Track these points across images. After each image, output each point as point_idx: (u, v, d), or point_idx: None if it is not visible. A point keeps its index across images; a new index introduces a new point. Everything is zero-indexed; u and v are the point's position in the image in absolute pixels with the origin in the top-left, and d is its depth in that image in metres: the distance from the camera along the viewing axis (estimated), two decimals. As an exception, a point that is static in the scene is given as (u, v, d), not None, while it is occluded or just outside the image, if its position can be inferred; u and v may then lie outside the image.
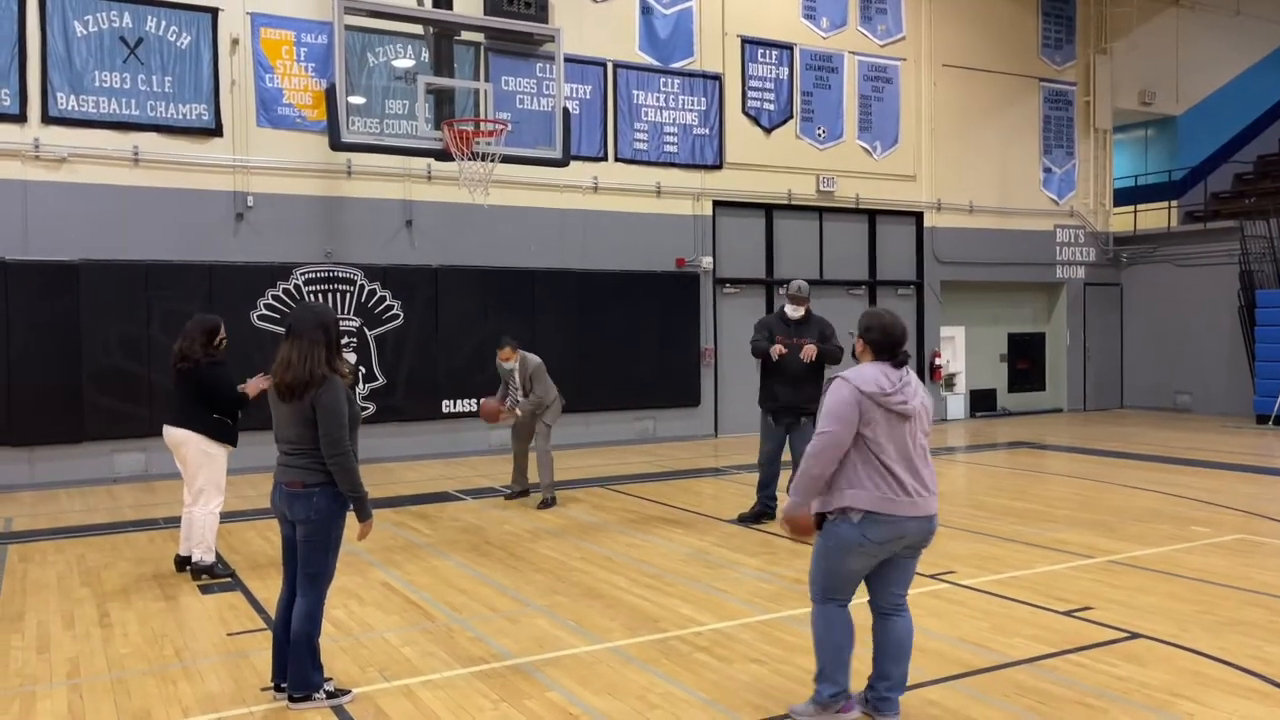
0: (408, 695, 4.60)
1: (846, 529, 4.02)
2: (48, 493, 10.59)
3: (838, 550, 4.06)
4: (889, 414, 4.00)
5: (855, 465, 4.01)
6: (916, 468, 4.05)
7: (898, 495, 3.98)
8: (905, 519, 3.99)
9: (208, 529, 6.68)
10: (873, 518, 3.97)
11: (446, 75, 11.30)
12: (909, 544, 4.08)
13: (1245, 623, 5.53)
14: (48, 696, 4.65)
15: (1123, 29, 18.71)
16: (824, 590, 4.16)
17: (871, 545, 4.00)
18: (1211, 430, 15.32)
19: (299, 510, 4.40)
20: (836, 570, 4.09)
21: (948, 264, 17.10)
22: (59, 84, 11.00)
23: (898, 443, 4.01)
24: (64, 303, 10.95)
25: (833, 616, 4.15)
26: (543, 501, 9.39)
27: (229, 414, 6.68)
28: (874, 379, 4.03)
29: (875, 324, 4.19)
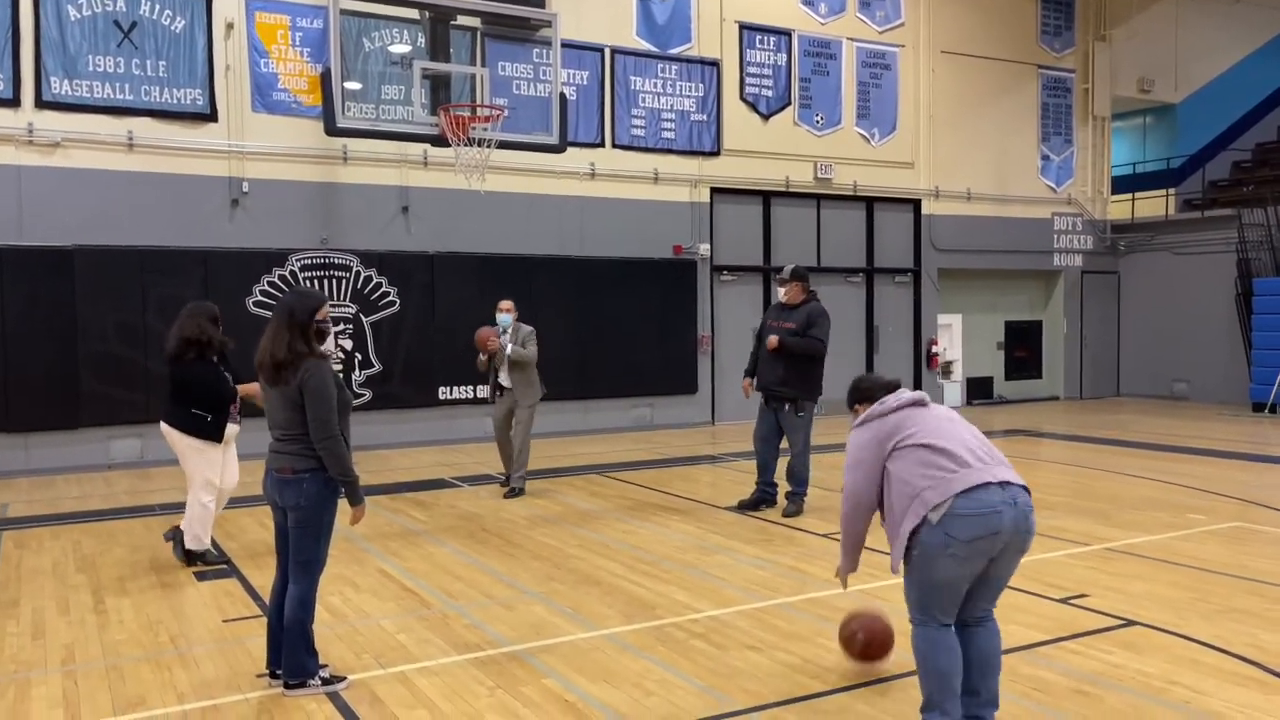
0: (403, 682, 4.59)
1: (928, 533, 3.61)
2: (43, 479, 10.57)
3: (922, 558, 3.65)
4: (908, 409, 3.84)
5: (903, 482, 3.71)
6: (969, 444, 3.73)
7: (956, 468, 3.61)
8: (990, 505, 3.55)
9: (194, 520, 6.62)
10: (950, 513, 3.56)
11: (443, 60, 11.25)
12: (1005, 541, 3.60)
13: (1241, 610, 5.53)
14: (43, 683, 4.65)
15: (1122, 16, 18.64)
16: (919, 607, 3.74)
17: (960, 545, 3.55)
18: (1208, 418, 15.34)
19: (289, 497, 4.39)
20: (926, 582, 3.67)
21: (945, 251, 17.07)
22: (52, 68, 10.92)
23: (937, 422, 3.80)
24: (59, 289, 10.90)
25: (934, 638, 3.70)
26: (511, 490, 9.24)
27: (208, 409, 6.49)
28: (872, 409, 3.93)
29: (851, 388, 4.18)
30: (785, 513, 8.20)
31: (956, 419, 3.94)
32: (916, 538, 3.64)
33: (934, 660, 3.70)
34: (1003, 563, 3.69)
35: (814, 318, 8.19)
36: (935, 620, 3.71)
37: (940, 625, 3.71)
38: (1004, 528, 3.58)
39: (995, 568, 3.68)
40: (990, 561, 3.64)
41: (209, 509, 6.65)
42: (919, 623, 3.75)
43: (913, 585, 3.74)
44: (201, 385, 6.45)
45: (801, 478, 8.27)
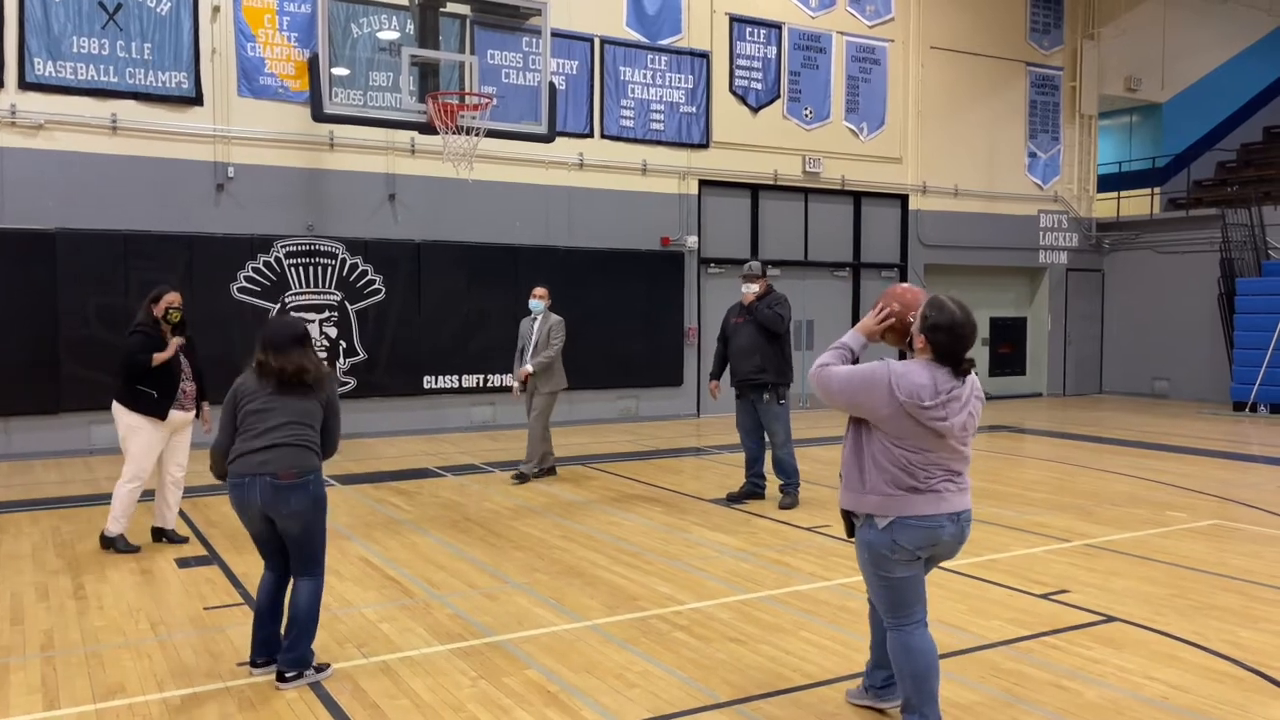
0: (386, 672, 4.58)
1: (874, 536, 3.66)
2: (23, 464, 10.49)
3: (874, 561, 3.70)
4: (920, 426, 3.57)
5: (875, 466, 3.64)
6: (951, 470, 3.66)
7: (923, 492, 3.61)
8: (936, 518, 3.62)
9: (117, 500, 6.61)
10: (901, 521, 3.62)
11: (431, 47, 11.17)
12: (943, 550, 3.72)
13: (1219, 607, 5.58)
14: (21, 669, 4.61)
15: (1110, 15, 18.71)
16: (892, 610, 3.74)
17: (904, 551, 3.64)
18: (1189, 416, 15.45)
19: (298, 500, 4.33)
20: (889, 583, 3.70)
21: (932, 247, 17.12)
22: (36, 49, 10.80)
23: (927, 449, 3.60)
24: (40, 272, 10.80)
25: (910, 643, 3.72)
26: (518, 475, 9.42)
27: (150, 385, 6.50)
28: (916, 386, 3.54)
29: (944, 322, 3.57)
30: (781, 505, 8.22)
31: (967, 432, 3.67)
32: (863, 533, 3.74)
33: (911, 664, 3.73)
34: (933, 564, 3.84)
35: (776, 300, 8.23)
36: (910, 619, 3.74)
37: (915, 626, 3.74)
38: (943, 540, 3.71)
39: (926, 566, 3.83)
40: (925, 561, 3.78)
41: (133, 495, 6.63)
42: (895, 627, 3.77)
43: (879, 590, 3.77)
44: (133, 358, 6.48)
45: (790, 468, 8.29)
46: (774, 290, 8.42)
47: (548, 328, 9.37)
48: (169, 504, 6.93)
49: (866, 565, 3.78)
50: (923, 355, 3.66)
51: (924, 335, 3.62)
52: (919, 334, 3.65)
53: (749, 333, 8.20)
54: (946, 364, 3.62)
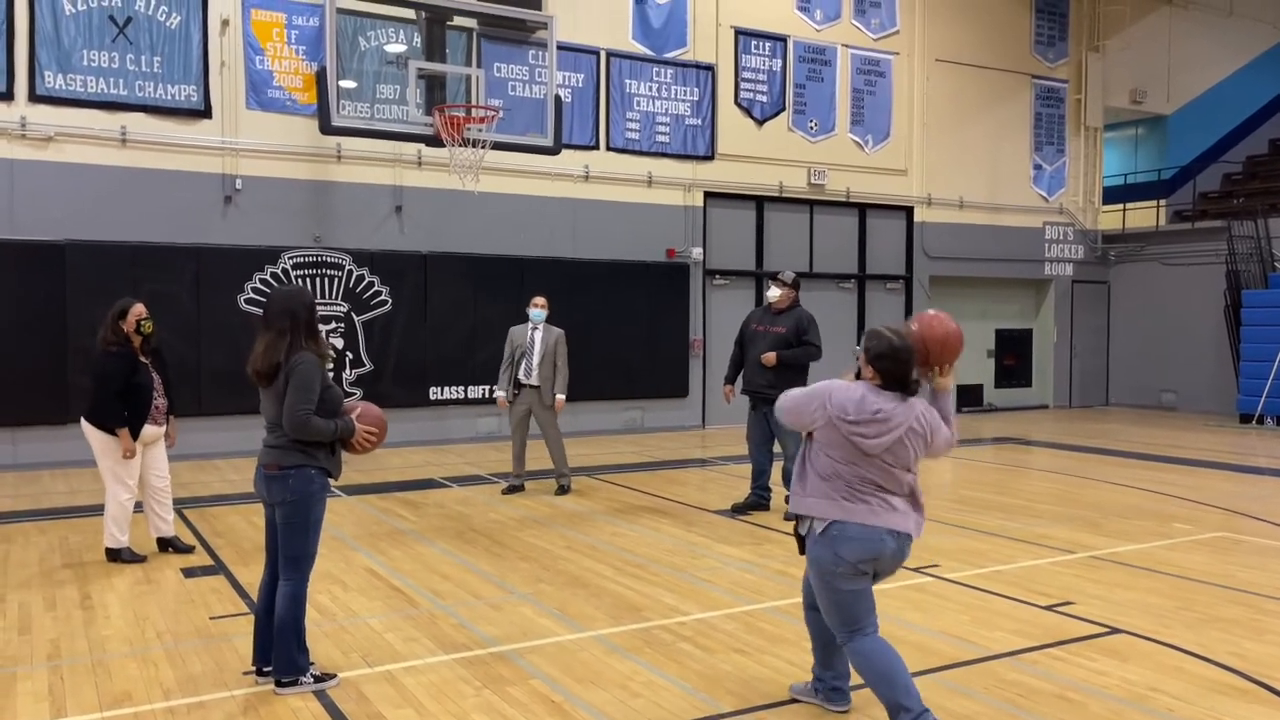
0: (390, 681, 4.60)
1: (819, 551, 3.86)
2: (31, 474, 10.53)
3: (819, 576, 3.90)
4: (844, 439, 3.81)
5: (815, 473, 3.88)
6: (883, 487, 3.82)
7: (855, 505, 3.80)
8: (874, 529, 3.78)
9: (109, 517, 6.61)
10: (842, 533, 3.79)
11: (438, 60, 11.25)
12: (884, 565, 3.88)
13: (1225, 620, 5.57)
14: (28, 677, 4.64)
15: (1115, 27, 18.75)
16: (844, 623, 3.90)
17: (847, 565, 3.81)
18: (1195, 428, 15.41)
19: (276, 492, 4.41)
20: (839, 598, 3.87)
21: (937, 259, 17.13)
22: (46, 62, 10.90)
23: (855, 463, 3.80)
24: (49, 283, 10.86)
25: (867, 649, 3.87)
26: (560, 488, 9.41)
27: (125, 405, 6.46)
28: (844, 401, 3.81)
29: (884, 349, 3.83)
30: (786, 516, 8.19)
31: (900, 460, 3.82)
32: (812, 550, 3.90)
33: (873, 667, 3.85)
34: (879, 578, 3.97)
35: (806, 324, 8.21)
36: (862, 630, 3.90)
37: (868, 633, 3.90)
38: (884, 555, 3.85)
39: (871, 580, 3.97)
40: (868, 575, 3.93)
41: (126, 507, 6.63)
42: (850, 638, 3.91)
43: (829, 605, 3.92)
44: (110, 379, 6.42)
45: None
46: (800, 305, 8.38)
47: (554, 340, 9.16)
48: (160, 515, 6.92)
49: (815, 580, 3.96)
50: (874, 382, 3.89)
51: (870, 366, 3.88)
52: (865, 365, 3.90)
53: (768, 346, 8.17)
54: (894, 388, 3.85)
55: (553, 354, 9.15)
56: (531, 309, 9.25)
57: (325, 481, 4.46)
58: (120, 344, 6.47)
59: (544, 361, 9.14)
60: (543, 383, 9.15)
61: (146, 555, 6.81)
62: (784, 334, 8.17)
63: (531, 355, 9.15)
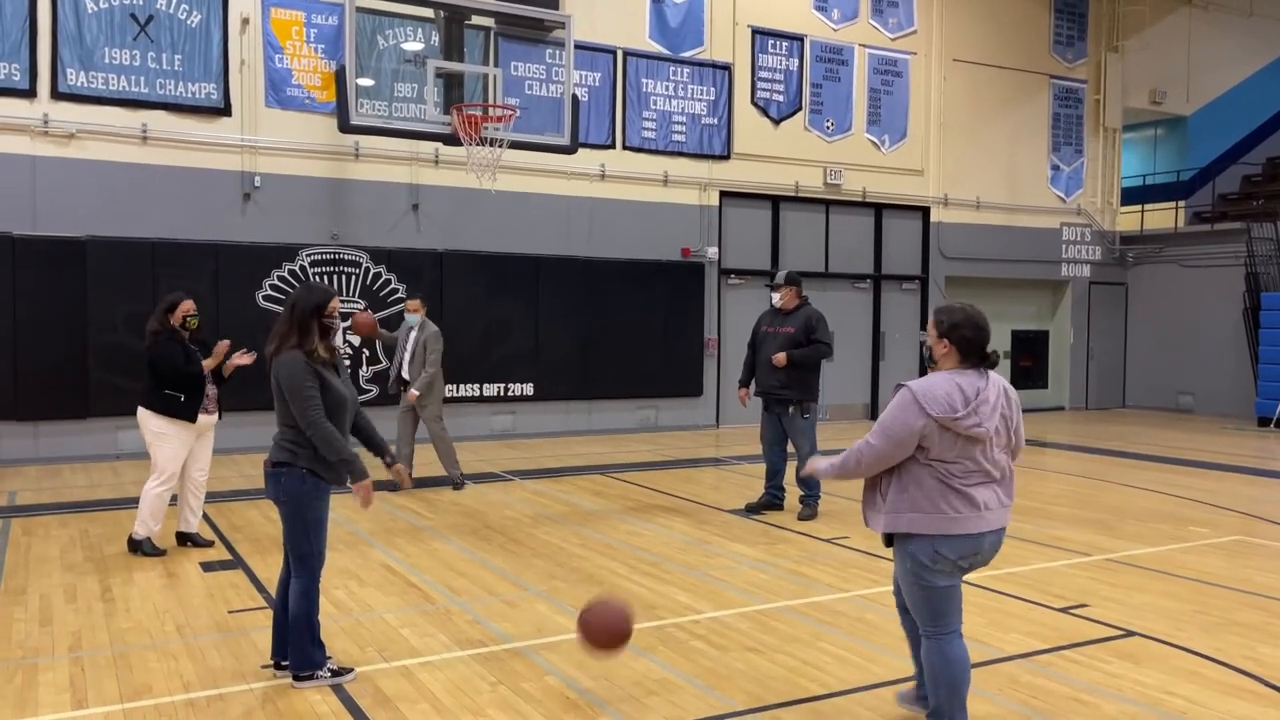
0: (406, 676, 4.64)
1: (915, 546, 3.69)
2: (52, 467, 10.63)
3: (916, 571, 3.73)
4: (959, 437, 3.59)
5: (916, 485, 3.64)
6: (994, 479, 3.68)
7: (962, 512, 3.63)
8: (978, 535, 3.68)
9: (145, 504, 6.72)
10: (945, 537, 3.67)
11: (456, 59, 11.29)
12: (982, 559, 3.77)
13: (1241, 624, 5.55)
14: (49, 669, 4.70)
15: (1135, 27, 18.64)
16: (932, 618, 3.77)
17: (946, 562, 3.68)
18: (1213, 431, 15.33)
19: (270, 490, 4.48)
20: (932, 593, 3.74)
21: (953, 259, 17.08)
22: (69, 60, 10.99)
23: (970, 460, 3.63)
24: (71, 279, 10.96)
25: (948, 652, 3.76)
26: (454, 485, 9.59)
27: (180, 389, 6.62)
28: (945, 398, 3.55)
29: (962, 319, 3.60)
30: (800, 516, 8.22)
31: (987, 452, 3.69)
32: (904, 545, 3.76)
33: (948, 672, 3.79)
34: (971, 570, 3.87)
35: (814, 322, 8.21)
36: (949, 628, 3.79)
37: (953, 635, 3.80)
38: (984, 549, 3.78)
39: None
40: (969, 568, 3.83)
41: (160, 497, 6.72)
42: (933, 635, 3.81)
43: (922, 599, 3.79)
44: (166, 362, 6.57)
45: (814, 482, 8.28)
46: (808, 303, 8.39)
47: (424, 337, 9.32)
48: (191, 508, 7.02)
49: (907, 575, 3.80)
50: (946, 363, 3.70)
51: (945, 340, 3.65)
52: (939, 340, 3.66)
53: (778, 346, 8.18)
54: (974, 361, 3.65)
55: (421, 350, 9.37)
56: (407, 314, 9.53)
57: (317, 482, 4.41)
58: (170, 333, 6.65)
59: (410, 360, 9.40)
60: (414, 382, 9.33)
61: (166, 549, 6.87)
62: (794, 334, 8.17)
63: (406, 357, 9.44)
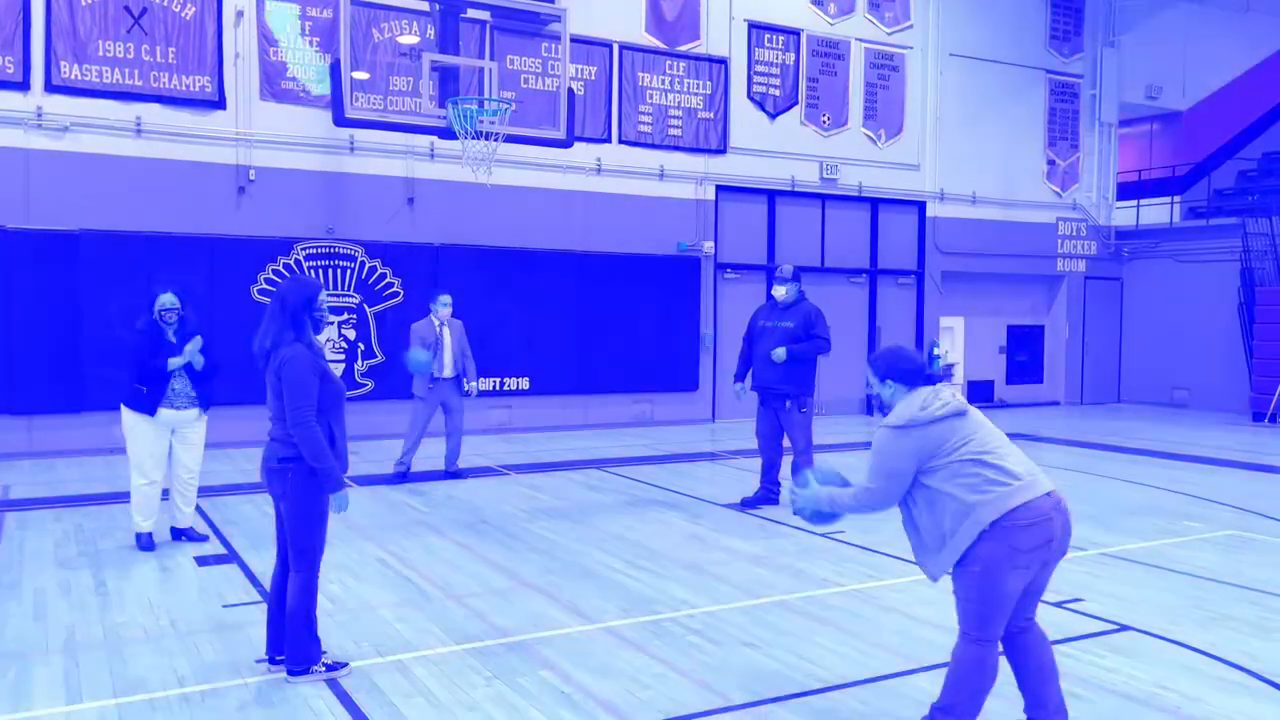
0: (402, 670, 4.63)
1: (988, 547, 3.56)
2: (46, 462, 10.61)
3: (986, 574, 3.58)
4: (972, 431, 3.68)
5: (955, 484, 3.62)
6: (1017, 453, 3.73)
7: (1010, 483, 3.58)
8: (1042, 513, 3.57)
9: (131, 500, 6.74)
10: (1010, 525, 3.54)
11: (451, 53, 11.24)
12: (1056, 546, 3.65)
13: (1235, 618, 5.56)
14: (44, 663, 4.69)
15: (1131, 22, 18.63)
16: (981, 624, 3.66)
17: (1023, 555, 3.56)
18: (1207, 426, 15.35)
19: (276, 486, 4.45)
20: (992, 597, 3.61)
21: (949, 254, 17.08)
22: (62, 53, 10.95)
23: (973, 439, 3.67)
24: (64, 272, 10.93)
25: (984, 659, 3.68)
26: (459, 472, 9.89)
27: (141, 382, 6.59)
28: (910, 411, 3.69)
29: (892, 357, 3.84)
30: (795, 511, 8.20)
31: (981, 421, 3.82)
32: (973, 552, 3.60)
33: (977, 679, 3.72)
34: (1048, 569, 3.74)
35: (813, 318, 8.20)
36: (990, 636, 3.69)
37: (993, 645, 3.71)
38: (1055, 534, 3.64)
39: (1043, 573, 3.73)
40: (1041, 566, 3.68)
41: (140, 491, 6.70)
42: (977, 640, 3.70)
43: (976, 602, 3.66)
44: (129, 355, 6.62)
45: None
46: (805, 299, 8.37)
47: (459, 333, 9.94)
48: (178, 505, 6.97)
49: (974, 579, 3.63)
50: (898, 399, 3.81)
51: (884, 385, 3.82)
52: (883, 385, 3.83)
53: (776, 341, 8.17)
54: (919, 385, 3.79)
55: (464, 343, 10.03)
56: (443, 307, 9.90)
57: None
58: (147, 326, 6.63)
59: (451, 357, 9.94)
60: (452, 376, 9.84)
61: (157, 545, 6.84)
62: (792, 328, 8.16)
63: (445, 348, 9.86)
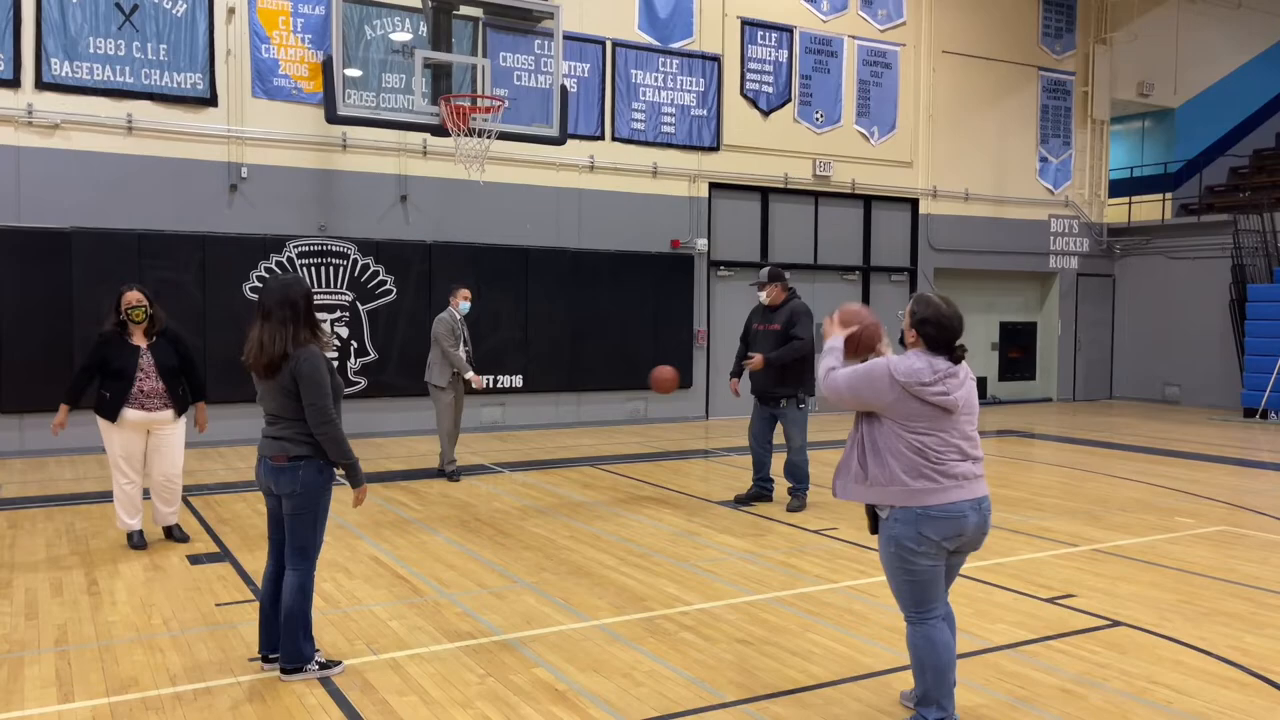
0: (395, 668, 4.63)
1: (899, 529, 3.77)
2: (37, 460, 10.58)
3: (899, 556, 3.80)
4: (925, 404, 3.75)
5: (895, 458, 3.77)
6: (965, 453, 3.81)
7: (941, 482, 3.73)
8: (958, 505, 3.74)
9: (115, 501, 6.75)
10: (926, 513, 3.73)
11: (444, 50, 11.23)
12: (968, 539, 3.82)
13: (1226, 613, 5.59)
14: (35, 662, 4.67)
15: (1123, 19, 18.68)
16: (914, 604, 3.84)
17: (931, 544, 3.75)
18: (1199, 422, 15.41)
19: (285, 484, 4.40)
20: (913, 579, 3.80)
21: (942, 251, 17.11)
22: (53, 50, 10.90)
23: (944, 433, 3.77)
24: (56, 270, 10.89)
25: (931, 636, 3.82)
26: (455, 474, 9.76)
27: (105, 387, 6.57)
28: (913, 369, 3.75)
29: (931, 315, 3.80)
30: (789, 508, 8.24)
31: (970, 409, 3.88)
32: (889, 530, 3.82)
33: (932, 657, 3.84)
34: (960, 557, 3.95)
35: (796, 316, 8.18)
36: (932, 613, 3.84)
37: (937, 620, 3.86)
38: (968, 530, 3.82)
39: (953, 559, 3.93)
40: (952, 553, 3.88)
41: (125, 491, 6.69)
42: (916, 620, 3.87)
43: (902, 585, 3.87)
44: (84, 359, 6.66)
45: (802, 474, 8.30)
46: (794, 297, 8.35)
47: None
48: (158, 507, 6.91)
49: (891, 559, 3.86)
50: (915, 349, 3.87)
51: (914, 330, 3.85)
52: (909, 329, 3.88)
53: (768, 344, 8.17)
54: (940, 352, 3.83)
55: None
56: (463, 301, 9.73)
57: (333, 472, 4.48)
58: (113, 326, 6.56)
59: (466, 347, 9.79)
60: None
61: (148, 544, 6.83)
62: (780, 330, 8.15)
63: (465, 338, 9.72)
